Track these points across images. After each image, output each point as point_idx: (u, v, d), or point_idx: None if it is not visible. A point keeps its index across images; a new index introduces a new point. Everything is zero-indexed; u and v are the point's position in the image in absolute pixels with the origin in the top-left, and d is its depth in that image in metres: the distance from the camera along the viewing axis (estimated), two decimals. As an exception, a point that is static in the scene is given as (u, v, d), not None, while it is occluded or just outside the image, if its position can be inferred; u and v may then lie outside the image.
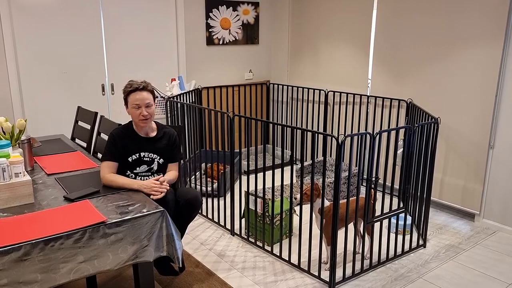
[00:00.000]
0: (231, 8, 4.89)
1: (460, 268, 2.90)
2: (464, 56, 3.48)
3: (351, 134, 2.49)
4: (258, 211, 3.14)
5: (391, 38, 3.98)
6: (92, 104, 4.17)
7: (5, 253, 1.67)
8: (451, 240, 3.29)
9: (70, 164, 2.74)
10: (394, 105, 4.04)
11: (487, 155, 3.43)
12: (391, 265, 2.92)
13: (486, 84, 3.36)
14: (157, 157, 2.55)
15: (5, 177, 2.05)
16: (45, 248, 1.76)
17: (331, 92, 4.60)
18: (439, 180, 3.78)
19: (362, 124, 4.34)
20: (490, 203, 3.48)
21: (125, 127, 2.54)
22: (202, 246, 3.18)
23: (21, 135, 2.55)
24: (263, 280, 2.74)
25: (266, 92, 5.32)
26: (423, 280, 2.75)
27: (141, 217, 2.00)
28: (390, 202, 2.88)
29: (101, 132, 3.24)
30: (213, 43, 4.84)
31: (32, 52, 3.82)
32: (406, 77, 3.92)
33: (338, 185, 2.49)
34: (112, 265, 1.93)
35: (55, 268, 1.78)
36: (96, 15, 4.07)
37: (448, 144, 3.68)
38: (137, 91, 2.45)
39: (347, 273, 2.77)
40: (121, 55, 4.28)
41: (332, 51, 4.60)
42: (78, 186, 2.33)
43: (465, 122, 3.54)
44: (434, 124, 2.97)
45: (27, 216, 1.95)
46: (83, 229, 1.84)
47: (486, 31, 3.30)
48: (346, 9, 4.36)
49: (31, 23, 3.77)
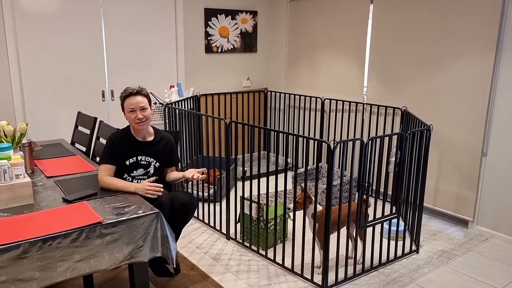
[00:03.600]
0: (229, 16, 4.98)
1: (452, 273, 2.95)
2: (457, 65, 3.55)
3: (343, 140, 2.56)
4: (253, 216, 3.19)
5: (387, 47, 4.05)
6: (92, 110, 4.25)
7: (4, 251, 1.72)
8: (444, 246, 3.33)
9: (69, 167, 2.80)
10: (389, 113, 4.10)
11: (480, 162, 3.49)
12: (383, 270, 2.97)
13: (479, 93, 3.43)
14: (154, 160, 2.62)
15: (6, 178, 2.11)
16: (43, 246, 1.81)
17: (328, 100, 4.67)
18: (433, 187, 3.83)
19: (358, 131, 4.40)
20: (484, 210, 3.53)
21: (123, 131, 2.61)
22: (197, 249, 3.23)
23: (22, 139, 2.61)
24: (257, 283, 2.79)
25: (264, 99, 5.39)
26: (415, 284, 2.80)
27: (137, 218, 2.06)
28: (383, 208, 2.93)
29: (100, 136, 3.30)
30: (211, 51, 4.92)
31: (34, 58, 3.90)
32: (401, 86, 3.99)
33: (330, 191, 2.55)
34: (107, 265, 1.98)
35: (53, 267, 1.84)
36: (97, 23, 4.16)
37: (441, 151, 3.74)
38: (131, 96, 2.53)
39: (340, 277, 2.81)
40: (121, 62, 4.36)
41: (328, 59, 4.68)
42: (76, 188, 2.39)
43: (459, 129, 3.60)
44: (427, 131, 3.03)
45: (26, 216, 2.00)
46: (80, 229, 1.90)
47: (478, 41, 3.38)
48: (343, 19, 4.44)
49: (34, 31, 3.86)
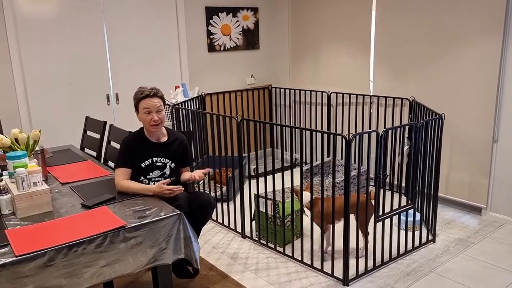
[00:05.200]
0: (231, 14, 4.96)
1: (471, 261, 2.94)
2: (464, 52, 3.54)
3: (359, 133, 2.54)
4: (269, 213, 3.17)
5: (391, 38, 4.04)
6: (97, 114, 4.22)
7: (30, 260, 1.71)
8: (460, 234, 3.33)
9: (83, 173, 2.78)
10: (397, 104, 4.09)
11: (491, 149, 3.48)
12: (402, 261, 2.96)
13: (487, 79, 3.42)
14: (169, 161, 2.60)
15: (24, 186, 2.09)
16: (69, 253, 1.79)
17: (334, 94, 4.65)
18: (445, 176, 3.82)
19: (366, 124, 4.39)
20: (496, 197, 3.53)
21: (136, 134, 2.59)
22: (214, 249, 3.22)
23: (36, 146, 2.59)
24: (277, 280, 2.77)
25: (268, 96, 5.37)
26: (435, 274, 2.79)
27: (159, 220, 2.04)
28: (399, 199, 2.92)
29: (111, 140, 3.28)
30: (214, 49, 4.90)
31: (37, 65, 3.87)
32: (408, 76, 3.98)
33: (348, 184, 2.53)
34: (132, 269, 1.96)
35: (79, 273, 1.82)
36: (99, 26, 4.13)
37: (452, 140, 3.73)
38: (148, 98, 2.51)
39: (360, 270, 2.81)
40: (124, 65, 4.33)
41: (333, 53, 4.66)
42: (93, 194, 2.37)
43: (468, 117, 3.59)
44: (439, 120, 3.02)
45: (48, 223, 1.98)
46: (104, 234, 1.88)
47: (485, 27, 3.37)
48: (346, 11, 4.43)
49: (36, 37, 3.83)
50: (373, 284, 2.70)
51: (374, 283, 2.71)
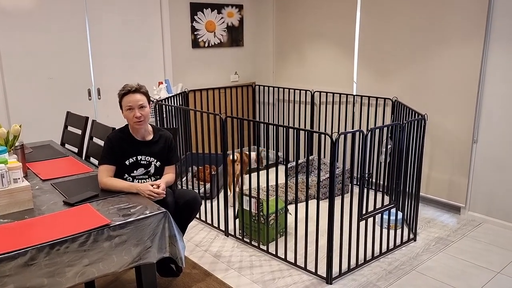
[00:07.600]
0: (215, 11, 4.92)
1: (451, 259, 3.00)
2: (446, 54, 3.59)
3: (344, 132, 2.56)
4: (253, 211, 3.17)
5: (375, 38, 4.07)
6: (78, 109, 4.13)
7: (11, 259, 1.66)
8: (440, 233, 3.39)
9: (64, 169, 2.72)
10: (380, 104, 4.13)
11: (471, 150, 3.55)
12: (384, 259, 3.00)
13: (468, 81, 3.49)
14: (154, 160, 2.56)
15: (4, 183, 2.03)
16: (51, 252, 1.75)
17: (317, 93, 4.67)
18: (425, 175, 3.89)
19: (349, 123, 4.43)
20: (475, 196, 3.60)
21: (121, 131, 2.54)
22: (197, 247, 3.20)
23: (16, 141, 2.52)
24: (261, 279, 2.77)
25: (252, 93, 5.36)
26: (416, 272, 2.84)
27: (144, 218, 2.01)
28: (382, 198, 2.96)
29: (93, 136, 3.22)
30: (198, 46, 4.85)
31: (16, 57, 3.76)
32: (391, 76, 4.02)
33: (333, 183, 2.55)
34: (116, 267, 1.93)
35: (61, 272, 1.78)
36: (81, 19, 4.04)
37: (433, 140, 3.79)
38: (130, 93, 2.46)
39: (343, 268, 2.83)
40: (106, 60, 4.25)
41: (317, 51, 4.67)
42: (75, 191, 2.32)
43: (449, 118, 3.65)
44: (422, 120, 3.06)
45: (29, 221, 1.93)
46: (88, 232, 1.84)
47: (467, 30, 3.43)
48: (331, 10, 4.44)
49: (15, 29, 3.72)
50: (356, 282, 2.73)
51: (357, 281, 2.73)
